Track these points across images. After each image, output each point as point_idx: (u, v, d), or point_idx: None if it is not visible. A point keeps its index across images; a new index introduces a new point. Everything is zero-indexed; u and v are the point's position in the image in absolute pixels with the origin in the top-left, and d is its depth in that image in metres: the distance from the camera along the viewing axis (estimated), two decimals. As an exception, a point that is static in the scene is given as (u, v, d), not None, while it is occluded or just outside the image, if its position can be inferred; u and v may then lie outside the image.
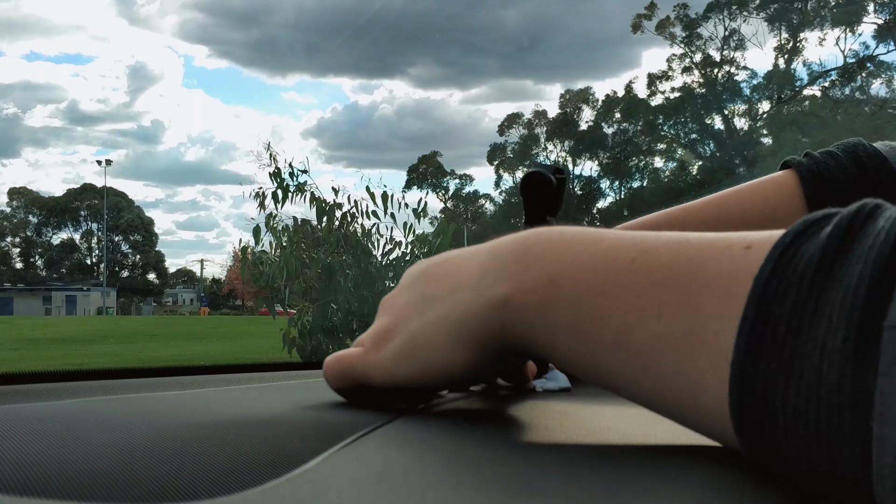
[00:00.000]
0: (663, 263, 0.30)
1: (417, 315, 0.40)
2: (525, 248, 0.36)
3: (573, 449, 0.33)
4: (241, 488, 0.27)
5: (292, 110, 62.00)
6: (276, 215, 4.21)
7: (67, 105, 59.49)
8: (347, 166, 56.98)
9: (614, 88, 34.31)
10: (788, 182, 0.65)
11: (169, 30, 56.59)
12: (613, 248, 0.32)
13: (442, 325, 0.38)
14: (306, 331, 3.97)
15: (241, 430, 0.36)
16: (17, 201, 46.67)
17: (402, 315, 0.41)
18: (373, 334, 0.42)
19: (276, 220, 4.19)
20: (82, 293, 39.86)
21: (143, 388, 0.60)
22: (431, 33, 32.23)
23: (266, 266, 4.12)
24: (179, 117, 67.03)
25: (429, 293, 0.40)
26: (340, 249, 4.10)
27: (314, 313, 3.99)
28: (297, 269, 4.03)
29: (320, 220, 4.22)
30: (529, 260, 0.35)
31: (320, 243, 4.19)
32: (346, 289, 4.02)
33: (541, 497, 0.25)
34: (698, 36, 24.82)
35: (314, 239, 4.24)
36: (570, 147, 28.38)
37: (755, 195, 0.65)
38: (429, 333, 0.38)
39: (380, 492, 0.25)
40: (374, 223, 4.31)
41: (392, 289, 0.44)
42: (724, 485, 0.27)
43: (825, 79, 22.18)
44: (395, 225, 4.42)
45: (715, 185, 15.35)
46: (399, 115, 52.16)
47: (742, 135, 23.85)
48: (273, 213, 4.22)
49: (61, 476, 0.28)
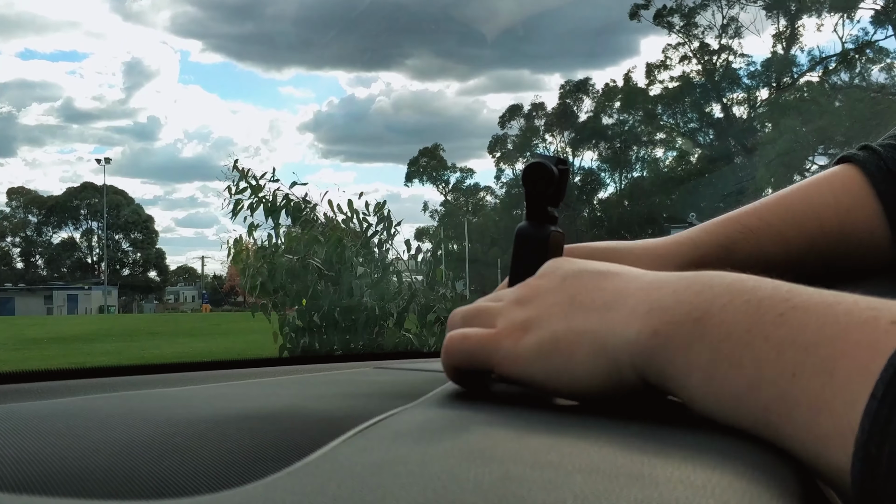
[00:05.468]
0: (809, 324, 0.30)
1: (563, 317, 0.39)
2: (686, 284, 0.36)
3: (573, 443, 0.32)
4: (242, 482, 0.27)
5: (290, 105, 61.80)
6: (257, 226, 4.24)
7: (63, 103, 59.30)
8: (345, 160, 56.91)
9: (613, 78, 34.27)
10: (854, 178, 0.62)
11: (161, 24, 56.37)
12: (767, 298, 0.32)
13: (587, 337, 0.37)
14: (297, 328, 4.03)
15: (241, 425, 0.36)
16: (16, 201, 46.69)
17: (548, 312, 0.40)
18: (509, 320, 0.41)
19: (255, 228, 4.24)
20: (83, 292, 39.87)
21: (143, 384, 0.60)
22: (426, 24, 32.12)
23: (253, 271, 4.15)
24: (175, 113, 66.80)
25: (580, 300, 0.39)
26: (313, 251, 4.11)
27: (298, 313, 4.04)
28: (281, 274, 4.06)
29: (276, 221, 4.23)
30: (686, 296, 0.35)
31: (295, 245, 4.20)
32: (325, 288, 4.04)
33: (542, 488, 0.25)
34: (696, 25, 24.77)
35: (290, 241, 4.26)
36: (569, 138, 28.37)
37: (824, 193, 0.62)
38: (573, 341, 0.38)
39: (381, 484, 0.25)
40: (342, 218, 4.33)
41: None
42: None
43: (823, 65, 22.16)
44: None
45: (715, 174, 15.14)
46: (396, 107, 52.03)
47: (741, 123, 23.83)
48: (254, 224, 4.27)
49: (61, 473, 0.28)
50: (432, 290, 4.24)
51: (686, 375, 0.34)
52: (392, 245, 4.43)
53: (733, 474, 0.27)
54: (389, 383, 0.54)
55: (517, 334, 0.40)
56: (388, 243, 4.40)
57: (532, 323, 0.40)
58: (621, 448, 0.30)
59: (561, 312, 0.39)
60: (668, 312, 0.35)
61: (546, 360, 0.38)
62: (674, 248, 0.61)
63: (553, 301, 0.40)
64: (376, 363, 0.80)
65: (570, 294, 0.40)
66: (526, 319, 0.40)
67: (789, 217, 0.61)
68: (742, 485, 0.26)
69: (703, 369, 0.33)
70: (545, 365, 0.38)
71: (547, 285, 0.41)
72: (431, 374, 0.60)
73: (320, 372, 0.46)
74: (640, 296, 0.37)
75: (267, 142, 60.31)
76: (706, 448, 0.30)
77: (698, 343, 0.33)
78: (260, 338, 4.25)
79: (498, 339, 0.40)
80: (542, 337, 0.39)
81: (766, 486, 0.27)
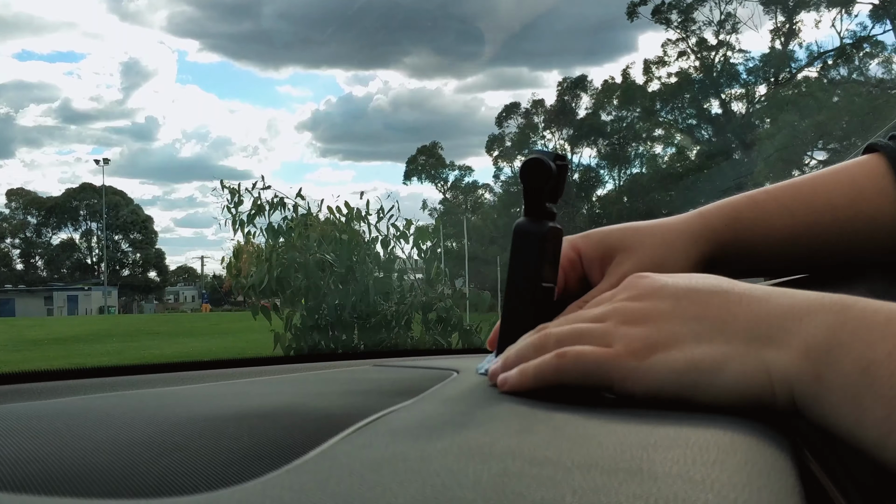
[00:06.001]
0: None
1: (694, 339, 0.40)
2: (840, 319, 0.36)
3: (571, 440, 0.32)
4: (241, 480, 0.27)
5: (287, 104, 61.66)
6: (254, 234, 4.26)
7: (60, 103, 59.19)
8: (343, 159, 56.80)
9: (612, 74, 34.24)
10: (877, 167, 0.61)
11: (158, 24, 56.27)
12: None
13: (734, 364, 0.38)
14: (299, 330, 4.01)
15: (240, 423, 0.36)
16: (15, 202, 46.66)
17: (672, 332, 0.40)
18: (626, 340, 0.41)
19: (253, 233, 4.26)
20: (83, 293, 39.85)
21: (142, 384, 0.60)
22: (424, 21, 32.03)
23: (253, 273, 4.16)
24: (173, 113, 66.69)
25: (708, 321, 0.40)
26: (317, 250, 4.12)
27: (304, 313, 4.04)
28: (281, 274, 4.07)
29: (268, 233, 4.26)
30: (844, 336, 0.35)
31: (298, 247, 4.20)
32: (333, 286, 4.04)
33: (541, 484, 0.25)
34: (693, 20, 24.76)
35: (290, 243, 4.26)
36: (568, 135, 28.36)
37: (843, 180, 0.62)
38: (716, 364, 0.38)
39: (380, 481, 0.25)
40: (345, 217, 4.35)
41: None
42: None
43: (822, 60, 22.14)
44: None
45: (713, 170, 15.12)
46: (394, 105, 51.92)
47: (740, 118, 23.82)
48: (243, 221, 4.29)
49: (60, 472, 0.28)
50: (432, 289, 4.24)
51: (857, 426, 0.34)
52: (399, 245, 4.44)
53: (732, 469, 0.27)
54: (389, 381, 0.54)
55: (643, 353, 0.40)
56: (398, 245, 4.41)
57: (658, 344, 0.40)
58: (620, 443, 0.30)
59: (691, 334, 0.40)
60: (829, 356, 0.35)
61: (683, 380, 0.39)
62: (683, 225, 0.62)
63: (674, 322, 0.41)
64: (376, 361, 0.80)
65: (690, 314, 0.41)
66: (648, 339, 0.41)
67: (798, 193, 0.62)
68: (742, 479, 0.26)
69: (878, 425, 0.33)
70: (682, 384, 0.39)
71: (659, 305, 0.42)
72: (430, 372, 0.60)
73: (320, 370, 0.46)
74: (786, 326, 0.37)
75: (265, 141, 60.29)
76: (705, 443, 0.30)
77: (868, 396, 0.33)
78: (260, 337, 4.25)
79: (619, 358, 0.41)
80: (677, 358, 0.39)
81: (765, 481, 0.27)
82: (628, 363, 0.40)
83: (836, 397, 0.34)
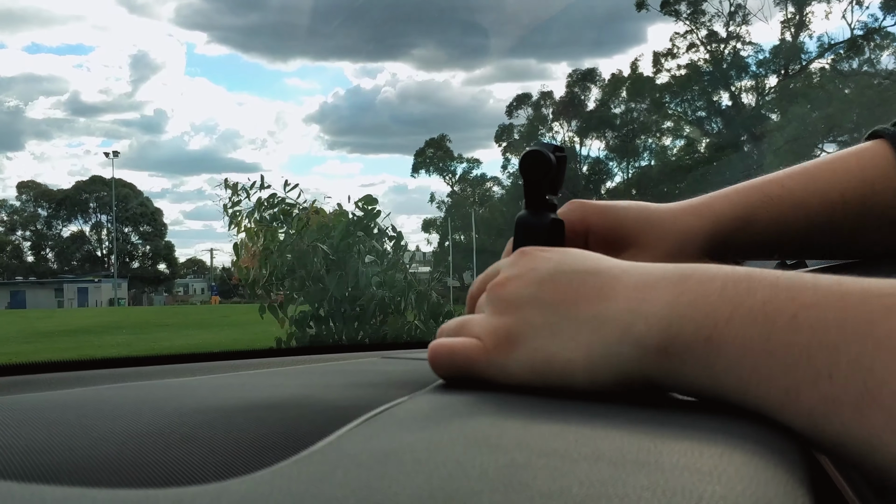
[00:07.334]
0: (829, 322, 0.30)
1: (549, 331, 0.38)
2: (676, 292, 0.35)
3: (578, 431, 0.32)
4: (250, 470, 0.27)
5: (295, 96, 61.68)
6: (259, 236, 4.30)
7: (69, 96, 59.37)
8: (351, 152, 56.82)
9: (620, 67, 34.10)
10: (883, 153, 0.60)
11: (167, 17, 56.31)
12: (770, 301, 0.32)
13: (583, 354, 0.37)
14: (303, 320, 4.07)
15: (248, 414, 0.36)
16: (26, 195, 46.89)
17: (530, 322, 0.39)
18: (492, 331, 0.41)
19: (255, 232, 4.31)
20: (94, 285, 40.06)
21: (152, 375, 0.60)
22: (432, 13, 31.94)
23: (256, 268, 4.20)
24: (182, 106, 66.85)
25: (563, 309, 0.39)
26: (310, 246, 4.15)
27: (306, 302, 4.10)
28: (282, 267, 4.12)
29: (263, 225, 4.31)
30: (681, 308, 0.34)
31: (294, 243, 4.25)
32: (330, 279, 4.08)
33: (548, 475, 0.25)
34: (703, 12, 24.60)
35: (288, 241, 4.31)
36: (577, 127, 28.26)
37: (850, 166, 0.60)
38: (568, 359, 0.37)
39: (387, 472, 0.25)
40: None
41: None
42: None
43: (832, 52, 21.98)
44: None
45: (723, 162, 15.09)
46: (402, 98, 51.82)
47: (749, 110, 23.69)
48: (239, 217, 4.35)
49: (69, 463, 0.28)
50: (439, 282, 4.29)
51: (717, 389, 0.34)
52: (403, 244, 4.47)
53: (741, 461, 0.27)
54: (397, 373, 0.54)
55: (504, 348, 0.40)
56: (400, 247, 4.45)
57: (518, 336, 0.39)
58: (627, 435, 0.30)
59: (546, 325, 0.39)
60: (671, 330, 0.34)
61: (542, 377, 0.38)
62: (695, 222, 0.60)
63: (533, 310, 0.40)
64: (384, 353, 0.80)
65: (549, 300, 0.39)
66: (510, 332, 0.40)
67: (812, 185, 0.60)
68: (750, 471, 0.26)
69: (733, 388, 0.33)
70: (542, 380, 0.38)
71: (523, 292, 0.41)
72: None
73: (328, 362, 0.46)
74: (631, 307, 0.36)
75: (273, 133, 60.40)
76: (713, 434, 0.30)
77: (717, 361, 0.33)
78: (268, 328, 4.28)
79: (486, 354, 0.40)
80: (534, 356, 0.39)
81: (774, 473, 0.26)
82: (495, 359, 0.40)
83: (689, 371, 0.34)
